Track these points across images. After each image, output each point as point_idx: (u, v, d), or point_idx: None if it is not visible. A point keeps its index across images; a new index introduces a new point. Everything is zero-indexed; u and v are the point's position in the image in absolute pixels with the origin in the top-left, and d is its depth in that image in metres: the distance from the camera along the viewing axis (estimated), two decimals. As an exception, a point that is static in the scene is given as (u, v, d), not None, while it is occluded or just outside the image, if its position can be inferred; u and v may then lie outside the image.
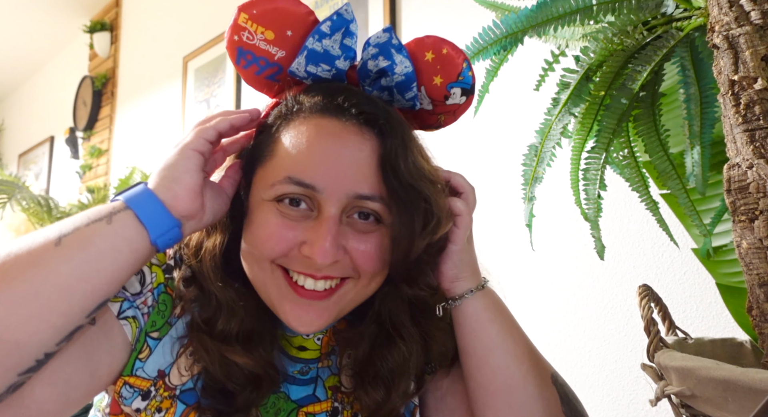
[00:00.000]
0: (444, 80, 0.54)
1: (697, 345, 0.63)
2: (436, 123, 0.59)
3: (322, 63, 0.52)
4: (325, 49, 0.51)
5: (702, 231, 0.68)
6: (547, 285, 1.26)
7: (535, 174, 0.76)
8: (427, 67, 0.54)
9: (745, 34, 0.49)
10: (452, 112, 0.57)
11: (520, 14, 0.70)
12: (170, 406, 0.51)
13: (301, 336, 0.58)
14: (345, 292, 0.51)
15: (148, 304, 0.52)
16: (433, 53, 0.53)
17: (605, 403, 1.14)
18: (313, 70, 0.52)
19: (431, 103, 0.56)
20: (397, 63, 0.51)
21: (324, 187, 0.48)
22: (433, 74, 0.54)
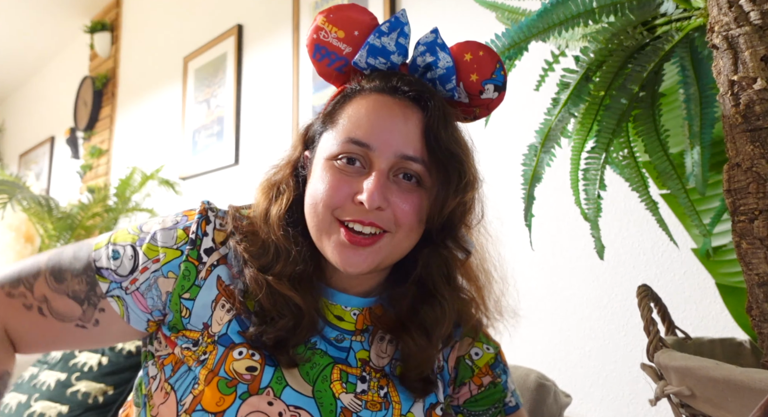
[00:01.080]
0: (479, 77, 0.64)
1: (697, 345, 0.63)
2: (472, 114, 0.69)
3: (380, 56, 0.63)
4: (383, 45, 0.62)
5: (702, 231, 0.68)
6: (547, 285, 1.26)
7: (535, 174, 0.76)
8: (466, 65, 0.64)
9: (744, 34, 0.50)
10: (486, 105, 0.67)
11: (522, 25, 0.71)
12: (213, 350, 0.59)
13: (341, 306, 0.65)
14: (385, 243, 0.60)
15: (139, 281, 0.61)
16: (471, 54, 0.64)
17: (605, 402, 1.14)
18: (372, 62, 0.63)
19: (468, 97, 0.66)
20: (440, 58, 0.62)
21: (377, 146, 0.59)
22: (470, 72, 0.64)
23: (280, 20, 2.19)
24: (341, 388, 0.62)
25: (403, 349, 0.64)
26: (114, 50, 3.60)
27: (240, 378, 0.58)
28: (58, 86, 4.41)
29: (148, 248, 0.62)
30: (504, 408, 0.71)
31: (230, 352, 0.59)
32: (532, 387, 0.92)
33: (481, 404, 0.71)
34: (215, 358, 0.59)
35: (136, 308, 0.61)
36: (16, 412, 1.27)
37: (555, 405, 0.94)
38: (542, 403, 0.91)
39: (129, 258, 0.62)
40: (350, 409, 0.61)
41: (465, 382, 0.71)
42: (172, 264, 0.62)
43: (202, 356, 0.59)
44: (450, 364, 0.70)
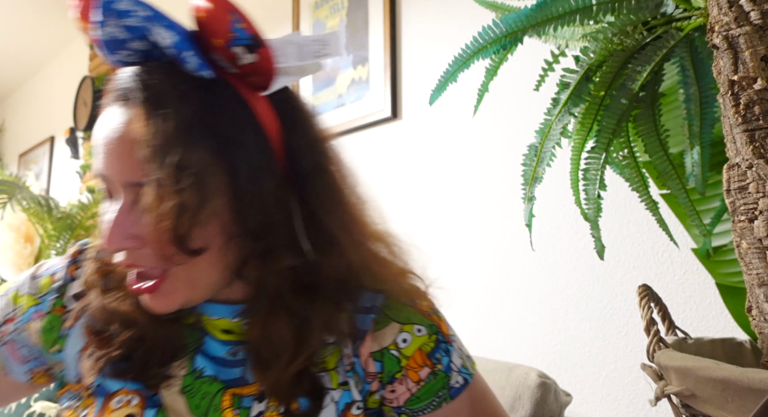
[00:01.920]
0: (222, 40, 0.48)
1: (697, 345, 0.63)
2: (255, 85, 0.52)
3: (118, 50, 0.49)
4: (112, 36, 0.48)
5: (702, 231, 0.68)
6: (547, 285, 1.26)
7: (535, 174, 0.76)
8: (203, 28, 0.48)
9: (744, 34, 0.49)
10: (254, 72, 0.50)
11: (520, 14, 0.70)
12: (92, 403, 0.54)
13: (226, 319, 0.56)
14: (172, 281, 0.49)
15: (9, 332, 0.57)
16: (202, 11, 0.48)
17: (605, 402, 1.14)
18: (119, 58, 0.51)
19: (233, 66, 0.50)
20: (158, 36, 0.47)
21: (109, 175, 0.48)
22: (210, 36, 0.48)
23: (279, 20, 2.19)
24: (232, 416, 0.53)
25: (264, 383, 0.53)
26: (114, 50, 3.60)
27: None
28: (57, 86, 4.41)
29: (14, 296, 0.58)
30: (449, 392, 0.59)
31: (108, 402, 0.53)
32: (533, 385, 0.92)
33: (423, 399, 0.59)
34: (94, 412, 0.53)
35: (12, 361, 0.58)
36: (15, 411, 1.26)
37: (556, 403, 0.94)
38: (543, 401, 0.91)
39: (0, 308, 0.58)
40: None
41: (397, 378, 0.58)
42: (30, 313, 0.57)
43: (82, 413, 0.54)
44: (362, 358, 0.58)
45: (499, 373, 0.98)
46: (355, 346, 0.58)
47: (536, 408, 0.90)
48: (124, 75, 0.50)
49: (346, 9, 1.83)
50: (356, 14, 1.79)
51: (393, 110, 1.63)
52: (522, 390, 0.92)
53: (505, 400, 0.92)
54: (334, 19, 1.87)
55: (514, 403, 0.92)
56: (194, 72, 0.48)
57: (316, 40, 0.53)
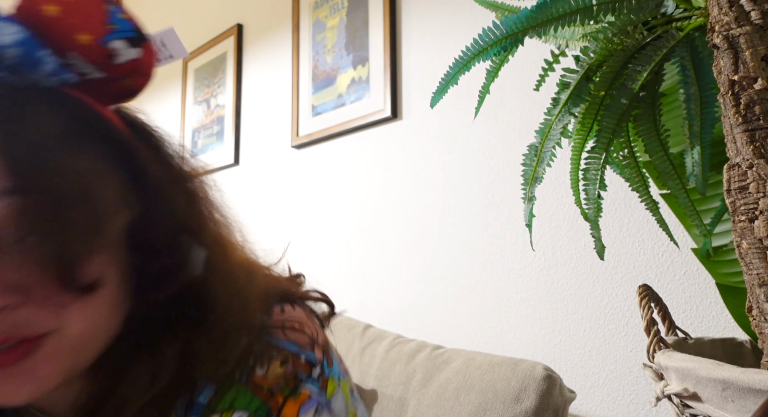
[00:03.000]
0: (92, 35, 0.38)
1: (697, 345, 0.63)
2: (127, 90, 0.43)
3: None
4: None
5: (702, 231, 0.68)
6: (547, 285, 1.26)
7: (535, 174, 0.76)
8: (56, 24, 0.37)
9: (745, 34, 0.49)
10: (135, 70, 0.41)
11: (520, 15, 0.70)
12: None
13: None
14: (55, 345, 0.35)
15: None
16: (55, 4, 0.37)
17: (605, 403, 1.14)
18: None
19: (99, 69, 0.40)
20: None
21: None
22: (71, 32, 0.38)
23: (280, 20, 2.19)
24: None
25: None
26: (114, 50, 3.60)
27: None
28: (57, 86, 4.41)
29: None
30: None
31: None
32: (539, 378, 0.93)
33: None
34: None
35: None
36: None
37: (561, 397, 0.94)
38: (549, 394, 0.92)
39: None
40: None
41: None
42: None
43: None
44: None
45: (505, 366, 0.98)
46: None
47: (541, 399, 0.91)
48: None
49: (346, 9, 1.83)
50: (356, 14, 1.79)
51: (393, 110, 1.63)
52: (528, 382, 0.93)
53: (510, 392, 0.93)
54: (334, 18, 1.87)
55: (519, 394, 0.92)
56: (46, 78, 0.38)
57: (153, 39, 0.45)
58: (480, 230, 1.40)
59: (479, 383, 0.99)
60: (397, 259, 1.58)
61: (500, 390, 0.95)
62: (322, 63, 1.89)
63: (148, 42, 0.41)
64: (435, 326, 1.45)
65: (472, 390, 0.99)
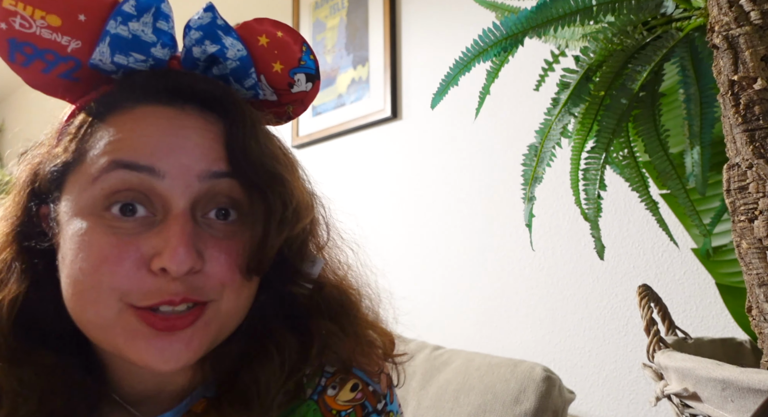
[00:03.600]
0: (285, 66, 0.47)
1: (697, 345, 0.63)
2: (285, 115, 0.51)
3: (133, 52, 0.41)
4: (134, 34, 0.41)
5: (702, 231, 0.68)
6: (547, 285, 1.26)
7: (535, 174, 0.76)
8: (263, 52, 0.46)
9: (744, 34, 0.49)
10: (300, 100, 0.49)
11: (520, 16, 0.70)
12: None
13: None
14: (210, 317, 0.40)
15: None
16: (267, 37, 0.46)
17: (605, 402, 1.14)
18: (123, 61, 0.42)
19: (275, 93, 0.48)
20: (228, 46, 0.43)
21: (167, 169, 0.38)
22: (271, 60, 0.46)
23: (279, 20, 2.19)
24: None
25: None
26: (114, 50, 3.60)
27: None
28: (57, 86, 4.41)
29: None
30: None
31: None
32: (538, 379, 0.93)
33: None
34: None
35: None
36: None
37: (560, 398, 0.94)
38: (548, 395, 0.92)
39: None
40: None
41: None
42: None
43: None
44: None
45: (504, 367, 0.98)
46: None
47: (541, 401, 0.91)
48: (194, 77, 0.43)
49: (346, 9, 1.83)
50: (356, 14, 1.79)
51: (393, 110, 1.63)
52: (527, 383, 0.93)
53: (510, 393, 0.93)
54: (334, 19, 1.87)
55: (518, 395, 0.92)
56: (243, 90, 0.46)
57: None
58: (480, 230, 1.40)
59: (478, 384, 0.99)
60: (396, 259, 1.58)
61: (499, 391, 0.95)
62: (322, 63, 1.89)
63: (319, 80, 0.49)
64: (435, 326, 1.45)
65: (472, 391, 0.99)
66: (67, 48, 0.41)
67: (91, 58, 0.41)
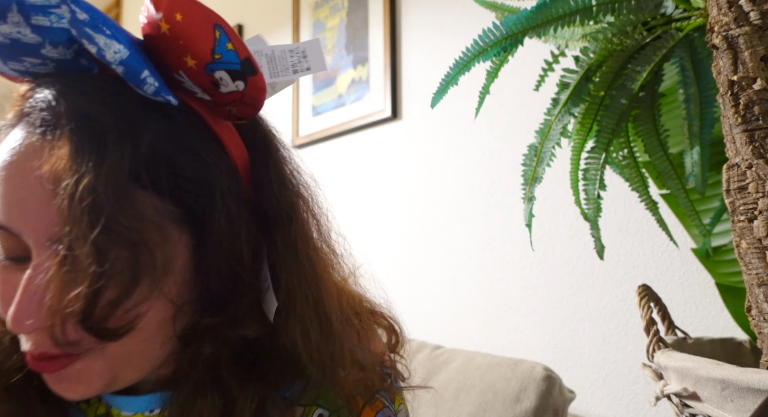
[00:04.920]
0: (197, 62, 0.36)
1: (697, 345, 0.63)
2: (235, 115, 0.41)
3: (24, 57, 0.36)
4: (12, 38, 0.35)
5: (701, 231, 0.68)
6: (546, 285, 1.27)
7: (535, 174, 0.76)
8: (168, 43, 0.36)
9: (744, 34, 0.50)
10: (239, 101, 0.38)
11: (520, 16, 0.70)
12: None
13: (142, 413, 0.44)
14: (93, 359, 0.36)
15: None
16: (167, 23, 0.35)
17: (605, 402, 1.15)
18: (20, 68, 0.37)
19: (205, 92, 0.38)
20: (102, 46, 0.34)
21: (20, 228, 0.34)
22: (181, 54, 0.36)
23: (280, 20, 2.19)
24: None
25: None
26: (114, 50, 3.60)
27: None
28: (57, 86, 4.41)
29: None
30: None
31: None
32: (538, 378, 0.93)
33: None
34: None
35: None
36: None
37: (560, 397, 0.94)
38: (549, 394, 0.92)
39: None
40: None
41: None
42: None
43: None
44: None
45: (505, 366, 0.98)
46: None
47: (541, 400, 0.91)
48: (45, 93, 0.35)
49: (346, 9, 1.83)
50: (356, 14, 1.79)
51: (393, 110, 1.63)
52: (528, 382, 0.93)
53: (510, 392, 0.93)
54: (334, 19, 1.87)
55: (519, 394, 0.92)
56: (150, 96, 0.36)
57: (292, 50, 0.43)
58: (480, 230, 1.40)
59: (479, 384, 0.99)
60: (396, 259, 1.58)
61: (500, 390, 0.95)
62: (322, 63, 1.89)
63: (253, 76, 0.37)
64: (434, 326, 1.45)
65: (472, 390, 0.99)
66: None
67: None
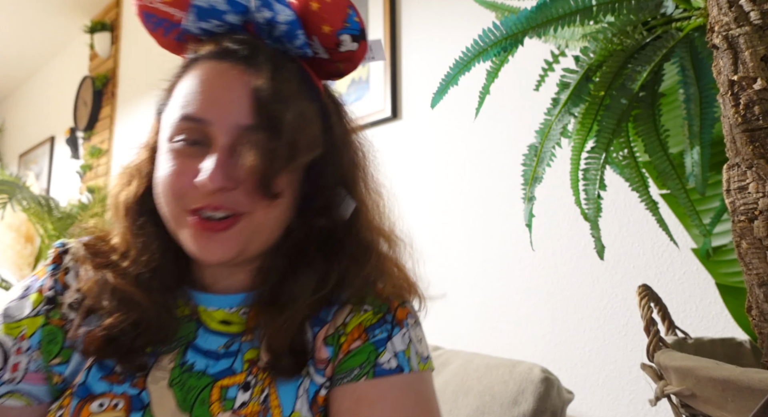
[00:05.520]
0: (332, 28, 0.57)
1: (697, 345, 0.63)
2: (337, 71, 0.62)
3: (211, 18, 0.56)
4: (211, 4, 0.55)
5: (702, 231, 0.68)
6: (547, 285, 1.26)
7: (535, 174, 0.76)
8: (314, 16, 0.56)
9: (744, 34, 0.49)
10: (348, 59, 0.60)
11: (520, 15, 0.70)
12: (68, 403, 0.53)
13: (224, 310, 0.59)
14: (243, 226, 0.53)
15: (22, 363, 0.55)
16: (317, 2, 0.56)
17: (605, 402, 1.14)
18: (205, 26, 0.56)
19: (326, 52, 0.59)
20: (278, 12, 0.55)
21: (213, 119, 0.52)
22: (320, 23, 0.56)
23: (280, 20, 2.19)
24: (219, 408, 0.54)
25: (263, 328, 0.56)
26: (114, 50, 3.60)
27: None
28: (57, 86, 4.41)
29: (6, 329, 0.55)
30: (373, 369, 0.56)
31: (87, 404, 0.52)
32: (536, 380, 0.93)
33: (344, 368, 0.57)
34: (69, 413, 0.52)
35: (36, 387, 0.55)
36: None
37: (558, 399, 0.94)
38: (547, 396, 0.92)
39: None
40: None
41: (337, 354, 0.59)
42: (37, 333, 0.56)
43: (58, 412, 0.53)
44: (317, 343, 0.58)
45: (503, 368, 0.98)
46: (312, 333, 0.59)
47: (539, 402, 0.91)
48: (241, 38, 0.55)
49: (346, 9, 1.83)
50: (356, 14, 1.79)
51: (393, 110, 1.63)
52: (525, 384, 0.93)
53: (508, 395, 0.93)
54: (334, 19, 1.87)
55: (517, 397, 0.92)
56: (295, 49, 0.56)
57: None
58: (480, 230, 1.40)
59: (477, 386, 0.99)
60: (397, 259, 1.58)
61: (498, 393, 0.95)
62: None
63: (364, 41, 0.58)
64: (434, 326, 1.45)
65: (470, 393, 0.99)
66: (174, 17, 0.56)
67: (182, 24, 0.56)
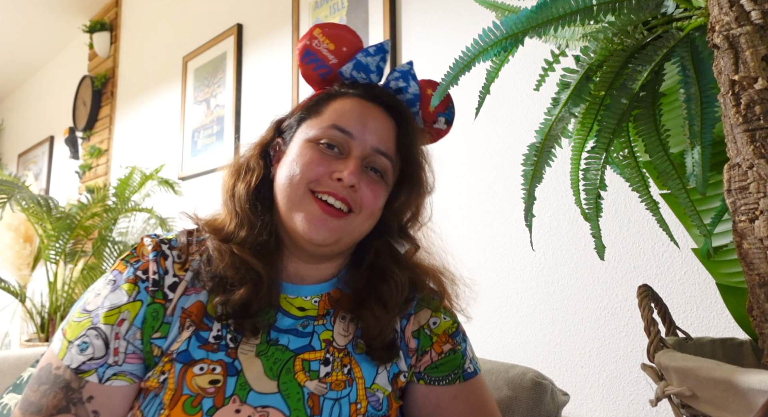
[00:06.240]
0: (436, 110, 0.80)
1: (697, 345, 0.63)
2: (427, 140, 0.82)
3: (362, 71, 0.76)
4: (367, 64, 0.75)
5: (702, 231, 0.68)
6: (547, 285, 1.26)
7: (536, 174, 0.76)
8: (426, 98, 0.79)
9: (745, 33, 0.49)
10: (436, 133, 0.82)
11: (520, 15, 0.70)
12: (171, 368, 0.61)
13: (301, 298, 0.71)
14: (349, 221, 0.67)
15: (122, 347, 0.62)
16: (432, 90, 0.77)
17: (605, 403, 1.14)
18: (354, 75, 0.76)
19: (423, 124, 0.81)
20: (410, 86, 0.76)
21: (357, 135, 0.69)
22: (429, 104, 0.76)
23: (280, 20, 2.19)
24: (305, 377, 0.65)
25: (364, 322, 0.70)
26: (113, 50, 3.60)
27: (204, 393, 0.60)
28: (57, 86, 4.41)
29: (106, 317, 0.63)
30: (463, 374, 0.76)
31: (190, 368, 0.61)
32: (528, 386, 0.92)
33: (441, 370, 0.75)
34: (174, 376, 0.61)
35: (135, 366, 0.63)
36: (15, 412, 1.26)
37: (552, 403, 0.94)
38: (539, 402, 0.91)
39: (96, 338, 0.62)
40: (316, 393, 0.65)
41: (426, 350, 0.76)
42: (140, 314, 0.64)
43: (161, 377, 0.61)
44: (407, 334, 0.76)
45: (496, 373, 0.97)
46: (402, 323, 0.76)
47: (533, 409, 0.90)
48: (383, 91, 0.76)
49: (345, 9, 1.83)
50: (356, 14, 1.79)
51: (393, 110, 1.63)
52: (518, 391, 0.92)
53: (501, 401, 0.92)
54: (333, 18, 1.87)
55: (510, 403, 0.92)
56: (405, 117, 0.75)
57: None
58: (479, 230, 1.40)
59: (471, 393, 0.98)
60: (396, 259, 1.58)
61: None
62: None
63: (451, 126, 0.84)
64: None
65: (466, 400, 0.98)
66: (329, 61, 0.76)
67: (342, 69, 0.76)
